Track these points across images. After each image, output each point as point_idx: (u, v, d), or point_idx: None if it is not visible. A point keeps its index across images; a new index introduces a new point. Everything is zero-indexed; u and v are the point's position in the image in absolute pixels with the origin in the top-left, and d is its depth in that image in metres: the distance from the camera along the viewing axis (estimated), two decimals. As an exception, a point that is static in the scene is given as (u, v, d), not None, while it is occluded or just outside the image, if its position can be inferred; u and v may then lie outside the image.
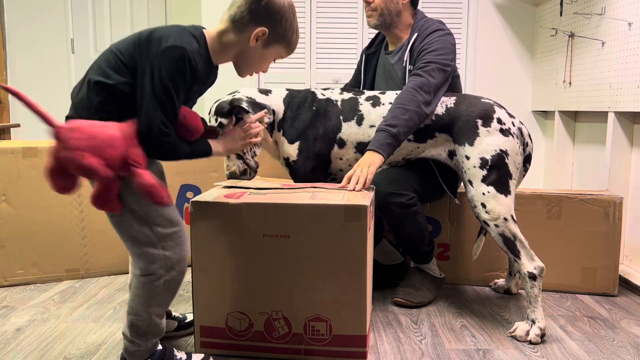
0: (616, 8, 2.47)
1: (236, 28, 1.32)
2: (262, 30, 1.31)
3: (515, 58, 3.51)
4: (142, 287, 1.33)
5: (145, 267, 1.32)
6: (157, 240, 1.31)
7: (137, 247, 1.32)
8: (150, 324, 1.36)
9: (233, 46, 1.35)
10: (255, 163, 1.85)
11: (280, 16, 1.33)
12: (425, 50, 1.94)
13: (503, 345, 1.70)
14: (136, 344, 1.36)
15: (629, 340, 1.76)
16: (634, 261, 2.41)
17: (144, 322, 1.35)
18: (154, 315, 1.35)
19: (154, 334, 1.38)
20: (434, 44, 1.94)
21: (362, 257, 1.50)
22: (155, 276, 1.32)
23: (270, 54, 1.40)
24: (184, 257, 1.37)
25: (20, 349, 1.64)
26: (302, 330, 1.56)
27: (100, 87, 1.26)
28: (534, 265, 1.74)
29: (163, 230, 1.32)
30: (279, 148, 1.98)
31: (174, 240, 1.34)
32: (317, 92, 1.99)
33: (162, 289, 1.34)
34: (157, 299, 1.35)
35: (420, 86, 1.83)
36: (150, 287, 1.33)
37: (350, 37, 3.44)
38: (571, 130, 3.13)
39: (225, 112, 1.78)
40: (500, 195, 1.77)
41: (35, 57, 4.24)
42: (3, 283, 2.21)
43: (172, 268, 1.34)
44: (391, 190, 1.89)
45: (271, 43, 1.36)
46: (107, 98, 1.26)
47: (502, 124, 1.82)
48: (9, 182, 2.18)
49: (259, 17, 1.31)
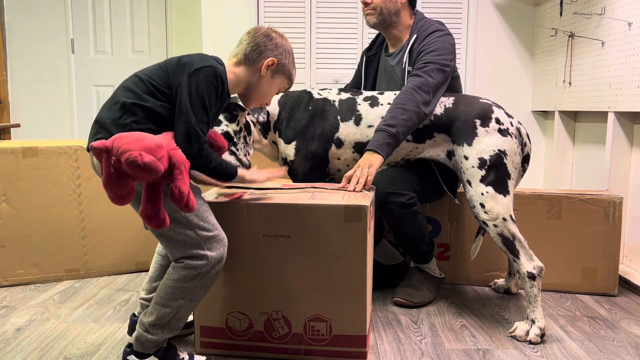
0: (616, 8, 2.48)
1: (248, 61, 1.50)
2: (272, 60, 1.50)
3: (515, 58, 3.51)
4: (180, 279, 1.35)
5: (190, 263, 1.35)
6: (203, 242, 1.36)
7: (185, 251, 1.36)
8: (173, 318, 1.37)
9: (245, 78, 1.51)
10: (248, 161, 1.86)
11: (284, 49, 1.53)
12: (425, 50, 1.95)
13: (503, 345, 1.70)
14: (151, 334, 1.37)
15: (629, 340, 1.76)
16: (634, 261, 2.41)
17: (169, 315, 1.36)
18: (181, 309, 1.37)
19: (171, 329, 1.39)
20: (433, 44, 1.94)
21: (362, 257, 1.50)
22: (196, 271, 1.35)
23: (276, 84, 1.57)
24: (224, 258, 1.40)
25: (20, 349, 1.64)
26: (302, 330, 1.56)
27: (136, 108, 1.33)
28: (533, 265, 1.74)
29: (206, 233, 1.37)
30: (277, 149, 1.99)
31: (217, 241, 1.39)
32: (314, 92, 1.99)
33: (198, 285, 1.37)
34: (190, 294, 1.37)
35: (419, 86, 1.83)
36: (189, 280, 1.35)
37: (350, 37, 3.45)
38: (571, 130, 3.13)
39: (230, 117, 1.82)
40: (499, 195, 1.77)
41: (35, 57, 4.24)
42: (3, 283, 2.21)
43: (213, 267, 1.38)
44: (391, 190, 1.89)
45: (278, 73, 1.54)
46: (141, 118, 1.33)
47: (501, 124, 1.83)
48: (9, 182, 2.18)
49: (267, 50, 1.50)
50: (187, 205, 1.24)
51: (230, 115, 1.84)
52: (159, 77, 1.37)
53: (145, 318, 1.38)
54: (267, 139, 1.97)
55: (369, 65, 2.24)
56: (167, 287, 1.37)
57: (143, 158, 1.16)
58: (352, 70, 3.43)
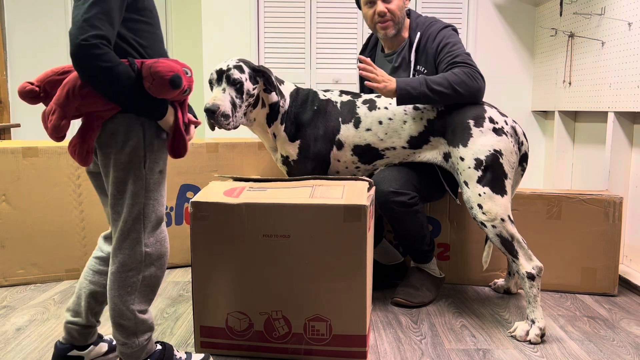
0: (616, 8, 2.48)
1: None
2: None
3: (515, 58, 3.51)
4: (121, 285, 1.32)
5: (125, 261, 1.31)
6: (144, 235, 1.32)
7: (126, 233, 1.31)
8: (136, 322, 1.34)
9: None
10: (240, 119, 1.82)
11: None
12: (448, 44, 1.95)
13: (503, 345, 1.70)
14: (129, 345, 1.34)
15: (629, 340, 1.76)
16: (634, 261, 2.41)
17: (130, 321, 1.33)
18: (137, 313, 1.34)
19: (143, 331, 1.36)
20: (449, 38, 1.96)
21: (362, 257, 1.50)
22: (134, 272, 1.32)
23: None
24: (164, 254, 1.37)
25: (21, 349, 1.64)
26: (302, 330, 1.56)
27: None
28: (532, 265, 1.74)
29: (149, 224, 1.33)
30: (276, 142, 1.97)
31: (155, 237, 1.34)
32: (319, 92, 1.99)
33: (142, 285, 1.33)
34: (137, 296, 1.33)
35: (471, 74, 1.85)
36: (129, 283, 1.32)
37: (350, 37, 3.44)
38: (571, 130, 3.13)
39: (254, 79, 1.83)
40: (496, 195, 1.77)
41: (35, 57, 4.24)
42: (3, 283, 2.21)
43: (151, 264, 1.34)
44: (392, 189, 1.89)
45: None
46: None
47: (495, 123, 1.83)
48: (9, 182, 2.18)
49: None
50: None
51: (254, 77, 1.83)
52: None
53: (114, 334, 1.35)
54: (270, 128, 1.94)
55: None
56: (114, 297, 1.33)
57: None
58: (351, 70, 3.44)
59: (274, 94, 1.89)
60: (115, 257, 1.32)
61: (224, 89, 1.76)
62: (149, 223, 1.32)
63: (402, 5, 2.04)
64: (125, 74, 1.20)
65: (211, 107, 1.72)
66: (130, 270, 1.32)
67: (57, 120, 1.20)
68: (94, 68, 1.17)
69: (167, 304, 2.03)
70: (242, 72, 1.79)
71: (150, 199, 1.32)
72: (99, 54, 1.16)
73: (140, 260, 1.32)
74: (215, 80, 1.79)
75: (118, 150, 1.28)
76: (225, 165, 2.49)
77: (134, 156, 1.28)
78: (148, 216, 1.32)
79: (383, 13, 2.01)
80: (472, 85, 1.84)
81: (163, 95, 1.25)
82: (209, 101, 1.73)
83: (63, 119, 1.21)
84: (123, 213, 1.30)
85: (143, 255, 1.32)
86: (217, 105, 1.72)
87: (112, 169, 1.29)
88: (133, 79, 1.22)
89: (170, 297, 2.11)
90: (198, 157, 2.46)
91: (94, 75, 1.18)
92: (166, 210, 2.45)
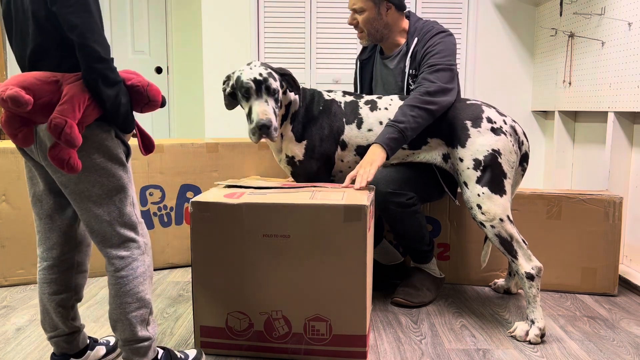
0: (616, 8, 2.48)
1: None
2: None
3: (515, 58, 3.51)
4: (131, 279, 1.31)
5: (128, 255, 1.31)
6: (139, 225, 1.35)
7: (122, 231, 1.31)
8: (150, 310, 1.35)
9: None
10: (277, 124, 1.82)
11: None
12: (430, 53, 1.94)
13: (503, 345, 1.70)
14: (148, 338, 1.34)
15: (629, 340, 1.76)
16: (634, 261, 2.41)
17: (147, 309, 1.34)
18: (148, 298, 1.34)
19: (154, 320, 1.37)
20: (437, 46, 1.94)
21: (362, 257, 1.50)
22: (137, 262, 1.32)
23: None
24: (150, 245, 1.39)
25: (21, 348, 1.64)
26: (302, 330, 1.56)
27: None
28: (531, 265, 1.74)
29: (138, 215, 1.36)
30: (282, 142, 1.95)
31: (143, 228, 1.37)
32: (323, 92, 1.99)
33: (148, 276, 1.35)
34: (145, 285, 1.34)
35: (428, 89, 1.83)
36: (139, 275, 1.32)
37: (350, 37, 3.44)
38: (571, 130, 3.13)
39: (281, 81, 1.82)
40: (495, 195, 1.77)
41: (35, 57, 4.23)
42: (3, 283, 2.21)
43: (145, 253, 1.35)
44: (391, 189, 1.89)
45: None
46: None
47: (493, 123, 1.83)
48: (9, 182, 2.18)
49: None
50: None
51: (281, 82, 1.82)
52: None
53: (131, 334, 1.33)
54: (279, 128, 1.91)
55: (363, 69, 2.24)
56: (128, 293, 1.33)
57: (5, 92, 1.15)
58: (351, 70, 3.44)
59: (290, 94, 1.90)
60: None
61: (266, 100, 1.75)
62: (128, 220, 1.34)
63: (372, 17, 2.00)
64: (124, 90, 1.28)
65: (266, 122, 1.71)
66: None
67: (76, 133, 1.19)
68: (117, 83, 1.23)
69: (167, 304, 2.03)
70: (275, 79, 1.78)
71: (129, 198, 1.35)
72: (115, 69, 1.24)
73: (142, 251, 1.36)
74: (255, 91, 1.75)
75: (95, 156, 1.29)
76: (225, 165, 2.49)
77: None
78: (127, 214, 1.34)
79: (351, 24, 2.06)
80: (426, 99, 1.82)
81: (145, 111, 1.34)
82: (260, 117, 1.71)
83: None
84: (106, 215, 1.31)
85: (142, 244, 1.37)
86: (270, 120, 1.72)
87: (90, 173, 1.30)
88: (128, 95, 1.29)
89: (170, 297, 2.11)
90: (198, 157, 2.45)
91: (115, 92, 1.23)
92: (166, 211, 2.45)
